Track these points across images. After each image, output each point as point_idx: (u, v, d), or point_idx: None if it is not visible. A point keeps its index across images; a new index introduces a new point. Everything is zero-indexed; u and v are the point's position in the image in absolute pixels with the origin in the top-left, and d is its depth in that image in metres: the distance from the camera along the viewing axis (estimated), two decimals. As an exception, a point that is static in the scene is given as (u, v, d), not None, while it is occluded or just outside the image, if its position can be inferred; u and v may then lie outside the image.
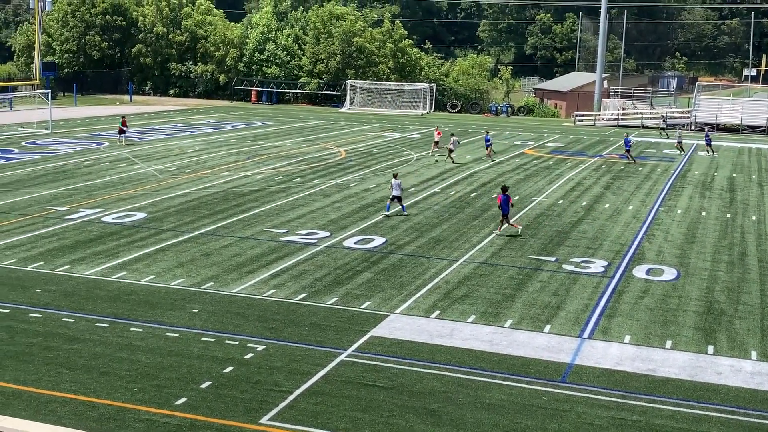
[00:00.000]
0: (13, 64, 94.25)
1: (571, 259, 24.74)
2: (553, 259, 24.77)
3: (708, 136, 52.84)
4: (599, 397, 15.31)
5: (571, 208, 32.64)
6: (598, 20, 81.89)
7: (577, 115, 73.40)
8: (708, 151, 50.91)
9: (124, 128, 47.65)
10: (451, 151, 44.45)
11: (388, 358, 16.78)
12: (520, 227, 28.00)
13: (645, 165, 45.82)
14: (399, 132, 59.70)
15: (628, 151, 47.08)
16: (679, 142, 52.23)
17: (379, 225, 28.55)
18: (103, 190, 33.41)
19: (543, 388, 15.61)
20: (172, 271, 22.29)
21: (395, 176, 30.56)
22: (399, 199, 30.09)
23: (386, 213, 29.97)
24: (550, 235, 27.91)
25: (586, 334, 18.50)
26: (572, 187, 37.72)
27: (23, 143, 47.49)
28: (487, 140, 46.97)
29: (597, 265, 24.16)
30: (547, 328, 18.83)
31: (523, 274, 23.04)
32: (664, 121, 65.33)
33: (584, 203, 33.69)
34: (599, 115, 73.25)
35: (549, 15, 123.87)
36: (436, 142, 48.02)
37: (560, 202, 33.92)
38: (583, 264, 24.26)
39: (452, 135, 46.38)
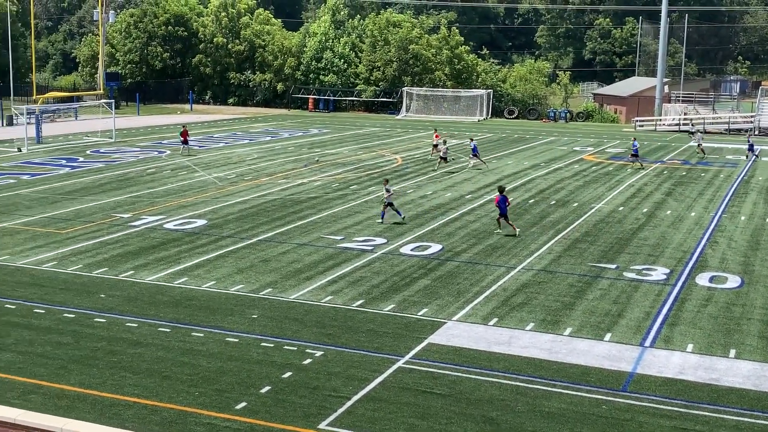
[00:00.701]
0: (78, 74, 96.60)
1: (632, 267, 24.39)
2: (613, 266, 24.46)
3: (750, 142, 52.20)
4: (661, 406, 15.06)
5: (631, 214, 32.19)
6: (659, 24, 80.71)
7: (637, 121, 72.39)
8: (748, 156, 50.20)
9: (185, 138, 48.09)
10: (435, 146, 46.74)
11: (445, 365, 16.75)
12: (518, 230, 28.14)
13: (708, 171, 44.97)
14: (455, 139, 59.58)
15: (634, 155, 45.84)
16: (699, 145, 52.31)
17: (436, 232, 28.53)
18: (164, 198, 34.01)
19: (604, 397, 15.42)
20: (232, 277, 22.58)
21: (386, 182, 30.30)
22: (392, 205, 29.89)
23: (380, 221, 29.74)
24: (610, 242, 27.57)
25: (647, 343, 18.22)
26: (633, 193, 37.19)
27: (88, 152, 48.60)
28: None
29: (659, 273, 23.78)
30: (608, 336, 18.60)
31: (583, 282, 22.79)
32: (692, 125, 65.38)
33: (645, 210, 33.20)
34: (660, 120, 72.13)
35: (608, 19, 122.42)
36: (435, 146, 48.25)
37: (621, 208, 33.47)
38: (644, 271, 23.90)
39: (445, 142, 44.54)
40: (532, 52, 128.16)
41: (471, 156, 44.67)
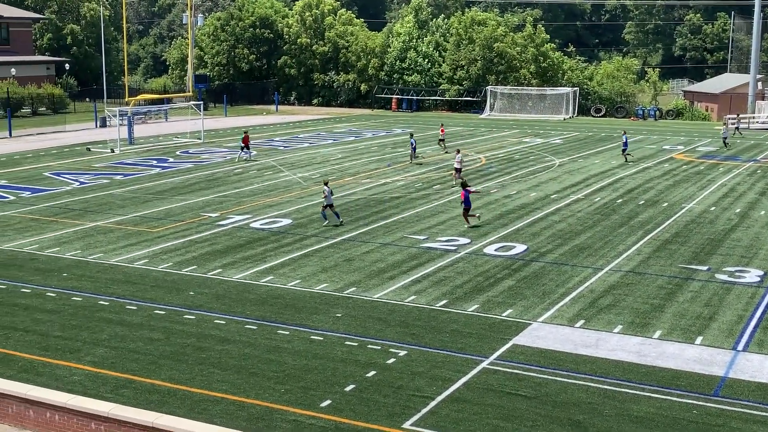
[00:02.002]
0: (168, 77, 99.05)
1: (724, 268, 23.68)
2: (705, 268, 23.79)
3: None
4: (755, 412, 14.58)
5: (723, 215, 31.25)
6: (752, 19, 78.12)
7: (729, 118, 70.25)
8: None
9: (246, 144, 47.53)
10: (441, 141, 48.85)
11: (530, 367, 16.56)
12: (479, 214, 29.58)
13: (805, 169, 43.33)
14: (540, 138, 58.90)
15: (624, 151, 46.46)
16: (725, 138, 53.58)
17: (520, 232, 28.24)
18: (251, 198, 34.57)
19: (694, 402, 15.00)
20: (317, 276, 22.80)
21: (326, 184, 29.50)
22: (332, 206, 29.36)
23: (324, 224, 29.18)
24: (701, 243, 26.82)
25: (740, 347, 17.66)
26: (725, 193, 36.10)
27: (177, 153, 49.80)
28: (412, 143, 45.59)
29: (752, 275, 23.02)
30: (699, 339, 18.10)
31: (673, 284, 22.23)
32: (738, 120, 64.65)
33: (738, 210, 32.18)
34: (753, 117, 69.83)
35: (699, 15, 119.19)
36: (442, 140, 48.14)
37: (712, 208, 32.54)
38: (737, 273, 23.17)
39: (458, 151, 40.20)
40: (619, 49, 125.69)
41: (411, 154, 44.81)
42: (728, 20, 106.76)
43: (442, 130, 51.71)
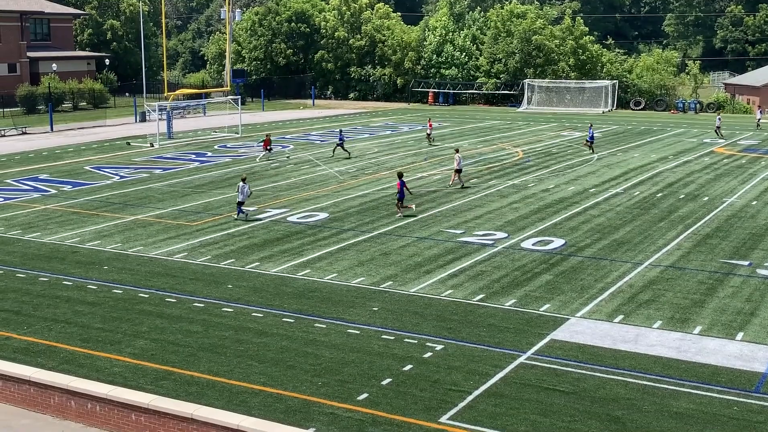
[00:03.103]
0: (206, 71, 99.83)
1: (765, 264, 23.31)
2: (746, 263, 23.44)
3: None
4: (799, 411, 14.34)
5: (765, 209, 30.76)
6: (796, 9, 76.68)
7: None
8: None
9: (268, 146, 47.29)
10: (428, 135, 49.50)
11: (569, 362, 16.45)
12: (413, 207, 29.87)
13: None
14: (578, 131, 58.42)
15: (588, 142, 46.43)
16: (718, 128, 53.91)
17: (558, 226, 28.05)
18: (288, 191, 34.73)
19: (735, 398, 14.81)
20: (353, 270, 22.85)
21: (243, 180, 29.23)
22: (242, 204, 28.97)
23: (236, 217, 29.06)
24: (743, 237, 26.43)
25: (783, 344, 17.39)
26: (767, 187, 35.53)
27: (216, 147, 50.18)
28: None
29: (795, 271, 22.64)
30: (740, 335, 17.84)
31: (714, 279, 21.93)
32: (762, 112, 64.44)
33: (781, 204, 31.66)
34: (797, 110, 68.61)
35: (740, 6, 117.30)
36: (428, 135, 47.87)
37: (754, 203, 32.04)
38: (779, 269, 22.81)
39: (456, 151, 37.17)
40: (659, 42, 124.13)
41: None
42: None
43: (430, 125, 51.45)
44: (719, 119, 55.07)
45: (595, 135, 47.55)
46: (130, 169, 40.93)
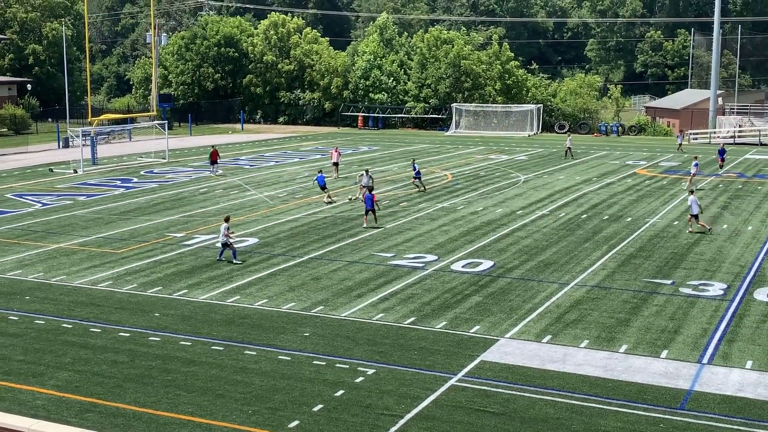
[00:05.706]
0: (132, 96, 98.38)
1: (688, 282, 23.94)
2: (669, 282, 24.03)
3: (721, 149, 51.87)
4: (720, 425, 14.70)
5: (687, 229, 31.62)
6: (711, 35, 79.50)
7: (691, 133, 71.29)
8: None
9: (214, 159, 47.67)
10: (335, 164, 45.67)
11: (498, 383, 16.58)
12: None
13: (764, 184, 44.05)
14: (506, 154, 59.30)
15: (416, 177, 40.89)
16: (569, 149, 56.22)
17: (487, 248, 28.35)
18: (217, 217, 34.34)
19: (661, 416, 15.11)
20: (284, 295, 22.68)
21: (226, 220, 26.77)
22: (226, 246, 26.49)
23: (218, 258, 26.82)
24: (665, 257, 27.11)
25: (705, 360, 17.84)
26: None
27: (142, 172, 49.40)
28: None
29: (716, 288, 23.30)
30: (665, 353, 18.25)
31: (638, 298, 22.42)
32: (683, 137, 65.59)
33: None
34: (714, 132, 70.95)
35: (659, 32, 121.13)
36: (336, 164, 45.94)
37: (675, 223, 32.92)
38: (701, 287, 23.44)
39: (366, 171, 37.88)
40: (582, 66, 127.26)
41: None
42: (688, 37, 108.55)
43: (336, 152, 47.36)
44: (570, 140, 57.68)
45: (420, 171, 42.31)
46: (53, 197, 39.98)
